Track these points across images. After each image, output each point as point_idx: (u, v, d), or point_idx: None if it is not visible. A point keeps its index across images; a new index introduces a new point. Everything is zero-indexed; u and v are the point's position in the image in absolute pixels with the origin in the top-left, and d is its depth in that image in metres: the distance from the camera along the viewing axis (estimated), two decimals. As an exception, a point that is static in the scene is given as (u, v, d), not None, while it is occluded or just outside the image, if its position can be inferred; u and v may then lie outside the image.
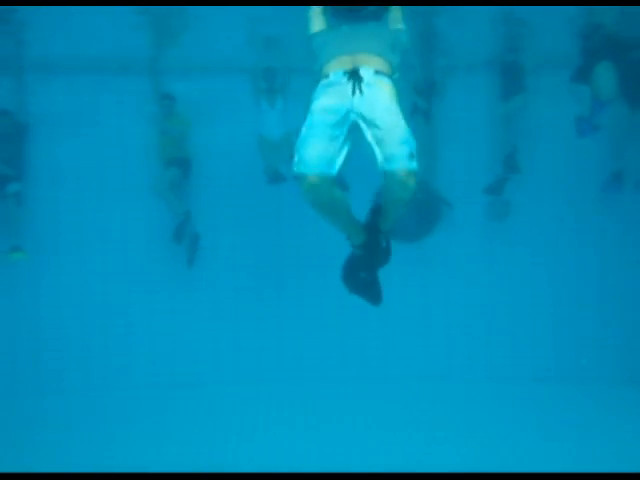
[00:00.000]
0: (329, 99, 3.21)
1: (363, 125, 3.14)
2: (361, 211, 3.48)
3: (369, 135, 3.11)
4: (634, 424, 6.33)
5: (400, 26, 3.63)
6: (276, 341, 8.00)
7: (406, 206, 3.17)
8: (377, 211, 3.38)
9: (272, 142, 7.81)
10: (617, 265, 7.84)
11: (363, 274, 3.44)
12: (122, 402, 7.25)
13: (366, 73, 3.23)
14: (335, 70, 3.30)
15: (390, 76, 3.36)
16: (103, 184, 7.92)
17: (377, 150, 3.07)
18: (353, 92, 3.17)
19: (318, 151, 3.06)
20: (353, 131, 3.20)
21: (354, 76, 3.21)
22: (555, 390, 7.36)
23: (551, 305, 7.92)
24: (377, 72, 3.27)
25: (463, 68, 7.72)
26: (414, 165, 3.02)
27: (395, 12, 3.66)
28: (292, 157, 3.15)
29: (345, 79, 3.22)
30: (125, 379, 7.69)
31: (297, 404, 7.05)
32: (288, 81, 7.70)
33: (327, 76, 3.32)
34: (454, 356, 7.91)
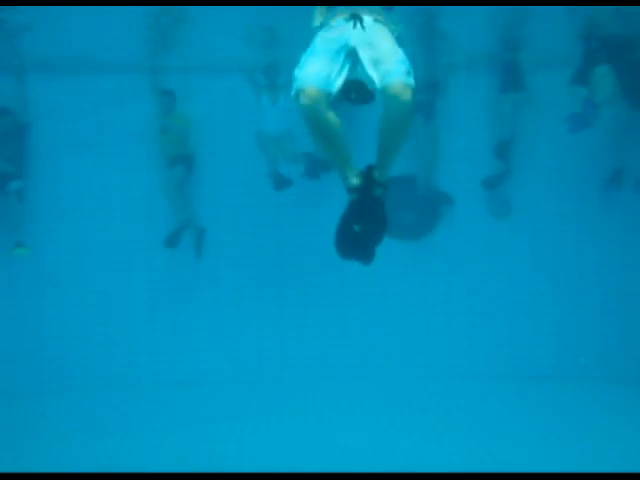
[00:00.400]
0: (330, 34, 3.27)
1: (361, 49, 3.16)
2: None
3: (366, 58, 3.12)
4: (634, 424, 6.31)
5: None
6: (278, 340, 8.02)
7: (404, 137, 3.13)
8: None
9: (273, 139, 7.81)
10: (617, 264, 7.84)
11: (357, 227, 3.36)
12: (122, 401, 7.25)
13: (367, 19, 3.27)
14: (336, 20, 3.33)
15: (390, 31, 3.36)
16: (104, 181, 7.92)
17: (374, 72, 3.08)
18: (354, 26, 3.21)
19: (317, 68, 3.10)
20: (351, 58, 3.19)
21: (355, 17, 3.25)
22: (555, 389, 7.36)
23: (552, 304, 7.92)
24: (377, 20, 3.31)
25: (464, 66, 7.72)
26: (411, 80, 3.01)
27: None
28: (292, 85, 3.17)
29: (346, 22, 3.26)
30: (126, 377, 7.70)
31: (298, 403, 7.05)
32: (290, 78, 7.67)
33: (328, 24, 3.35)
34: (455, 355, 7.92)
